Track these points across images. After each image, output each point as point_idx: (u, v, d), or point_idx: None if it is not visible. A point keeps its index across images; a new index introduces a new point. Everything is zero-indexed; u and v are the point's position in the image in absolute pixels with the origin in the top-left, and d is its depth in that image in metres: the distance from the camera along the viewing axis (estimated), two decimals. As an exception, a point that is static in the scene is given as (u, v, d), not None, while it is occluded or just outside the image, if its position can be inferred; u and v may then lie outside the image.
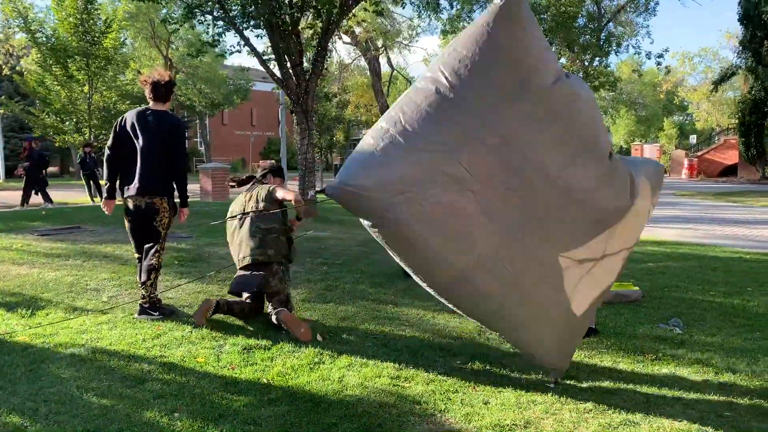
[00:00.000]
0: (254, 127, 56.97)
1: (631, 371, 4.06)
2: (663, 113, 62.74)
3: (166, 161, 4.99)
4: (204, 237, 8.84)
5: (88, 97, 18.24)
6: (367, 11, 12.36)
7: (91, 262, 6.90)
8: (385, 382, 3.80)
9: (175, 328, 4.74)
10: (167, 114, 5.14)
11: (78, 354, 4.12)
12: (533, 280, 3.49)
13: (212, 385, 3.69)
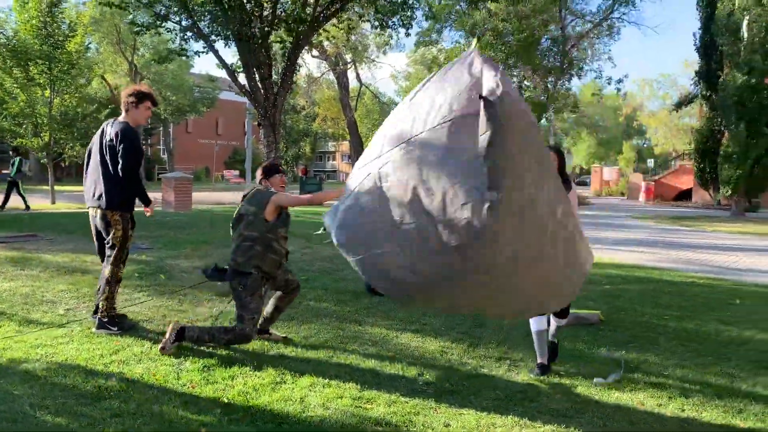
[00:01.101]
0: (219, 136, 56.59)
1: (589, 395, 4.14)
2: (622, 137, 64.42)
3: (116, 172, 4.93)
4: (165, 249, 8.72)
5: (49, 101, 17.81)
6: (335, 27, 12.43)
7: (48, 273, 6.74)
8: (347, 403, 3.80)
9: (134, 344, 4.66)
10: (118, 123, 5.07)
11: (32, 370, 4.02)
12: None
13: (172, 403, 3.64)
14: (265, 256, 4.55)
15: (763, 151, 20.40)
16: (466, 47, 24.78)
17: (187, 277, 6.92)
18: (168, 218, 13.30)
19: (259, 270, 4.54)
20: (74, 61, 17.77)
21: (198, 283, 6.21)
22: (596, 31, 27.38)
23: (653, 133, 57.92)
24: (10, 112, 17.82)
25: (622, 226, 17.00)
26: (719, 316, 6.49)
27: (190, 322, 5.29)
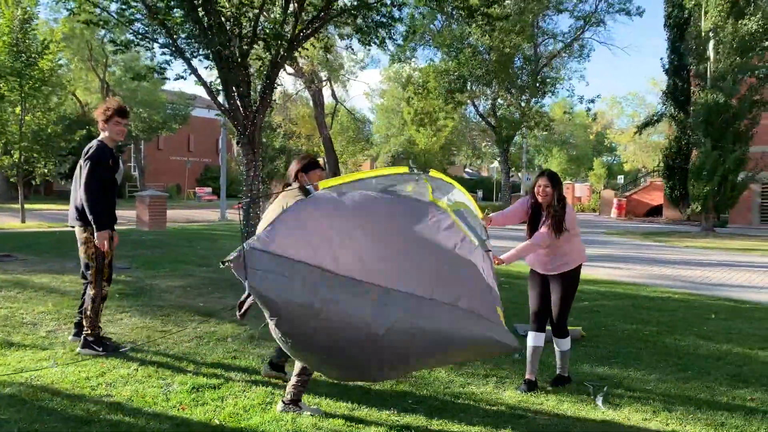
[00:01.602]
0: (191, 153, 56.00)
1: (575, 412, 4.20)
2: (593, 153, 65.54)
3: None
4: (143, 268, 8.63)
5: (20, 118, 17.54)
6: (314, 47, 12.51)
7: (27, 294, 6.62)
8: (339, 423, 3.80)
9: (120, 366, 4.61)
10: (93, 142, 5.03)
11: (17, 393, 3.95)
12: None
13: (162, 426, 3.61)
14: None
15: (731, 168, 20.94)
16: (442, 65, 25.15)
17: (168, 296, 6.85)
18: (144, 237, 13.15)
19: None
20: (46, 78, 17.54)
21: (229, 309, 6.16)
22: (568, 51, 27.98)
23: (623, 150, 59.08)
24: (-21, 130, 17.50)
25: (596, 242, 17.27)
26: (697, 330, 6.64)
27: (175, 342, 5.25)
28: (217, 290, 7.33)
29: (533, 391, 4.56)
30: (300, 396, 3.98)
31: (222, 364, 4.80)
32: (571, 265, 4.70)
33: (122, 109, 5.12)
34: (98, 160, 4.88)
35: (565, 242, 4.63)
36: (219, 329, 5.79)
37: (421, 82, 25.69)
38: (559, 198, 4.58)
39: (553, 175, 4.70)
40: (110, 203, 5.05)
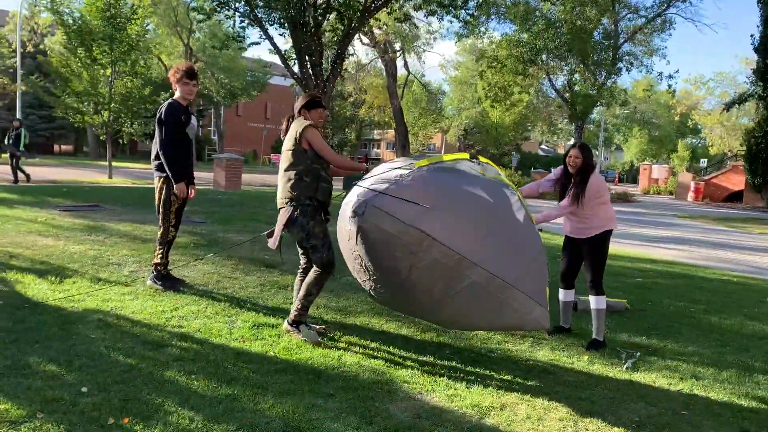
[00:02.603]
0: (268, 120, 57.54)
1: (604, 372, 4.45)
2: (676, 135, 62.93)
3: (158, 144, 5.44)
4: (218, 223, 9.27)
5: (110, 80, 18.69)
6: (390, 14, 12.75)
7: (112, 239, 7.34)
8: (379, 364, 4.20)
9: (192, 303, 5.17)
10: (165, 102, 5.58)
11: (104, 320, 4.55)
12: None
13: (225, 354, 4.11)
14: (317, 185, 4.47)
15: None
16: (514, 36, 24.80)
17: (237, 248, 7.42)
18: (219, 196, 13.93)
19: (313, 200, 4.48)
20: (134, 43, 18.56)
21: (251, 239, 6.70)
22: (650, 27, 26.96)
23: (708, 133, 56.45)
24: (74, 90, 18.76)
25: (666, 224, 16.95)
26: (747, 312, 6.66)
27: (242, 287, 5.79)
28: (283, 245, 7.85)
29: (560, 333, 5.16)
30: (302, 319, 4.57)
31: (281, 308, 5.28)
32: (597, 231, 5.07)
33: (191, 71, 5.56)
34: (169, 118, 5.42)
35: (590, 210, 5.01)
36: (280, 279, 6.29)
37: (495, 54, 25.42)
38: (584, 168, 4.98)
39: (584, 146, 5.08)
40: (184, 156, 5.56)
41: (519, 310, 3.95)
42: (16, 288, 5.12)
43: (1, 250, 6.31)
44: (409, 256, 3.84)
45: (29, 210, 9.00)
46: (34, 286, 5.21)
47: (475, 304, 3.94)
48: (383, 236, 3.84)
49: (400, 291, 4.10)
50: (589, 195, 4.95)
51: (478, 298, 3.90)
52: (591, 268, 5.10)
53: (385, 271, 4.02)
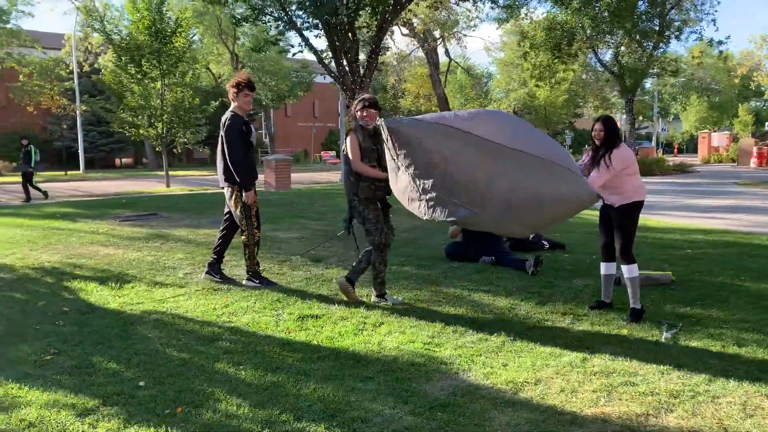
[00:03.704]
0: (316, 119, 58.28)
1: (643, 345, 4.47)
2: (738, 99, 60.29)
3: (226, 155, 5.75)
4: (267, 222, 9.55)
5: (161, 93, 19.41)
6: (418, 5, 12.82)
7: (168, 245, 7.74)
8: (419, 347, 4.37)
9: (242, 299, 5.45)
10: (228, 113, 5.90)
11: (160, 319, 4.88)
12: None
13: (271, 345, 4.36)
14: (358, 184, 5.30)
15: None
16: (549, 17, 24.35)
17: (285, 245, 7.71)
18: (270, 197, 14.35)
19: (357, 197, 5.32)
20: (180, 55, 19.21)
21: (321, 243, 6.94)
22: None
23: (773, 94, 53.78)
24: (128, 105, 19.58)
25: (723, 193, 16.43)
26: (800, 278, 6.49)
27: (288, 282, 6.05)
28: (333, 243, 8.09)
29: (602, 309, 5.27)
30: (383, 290, 5.48)
31: (325, 300, 5.50)
32: (625, 201, 5.13)
33: (250, 83, 5.94)
34: (234, 130, 5.73)
35: (618, 180, 5.10)
36: (325, 272, 6.53)
37: (534, 35, 25.02)
38: (609, 140, 5.10)
39: (606, 119, 5.22)
40: (250, 163, 5.93)
41: (567, 179, 4.34)
42: (80, 295, 5.53)
43: (67, 262, 6.77)
44: (442, 145, 4.45)
45: (91, 222, 9.56)
46: (96, 293, 5.60)
47: (521, 182, 4.34)
48: (413, 131, 4.56)
49: (445, 189, 4.56)
50: (616, 166, 5.02)
51: (525, 174, 4.34)
52: (620, 237, 5.18)
53: (424, 168, 4.58)
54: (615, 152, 5.02)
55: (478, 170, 4.44)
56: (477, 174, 4.45)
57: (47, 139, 37.43)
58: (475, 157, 4.45)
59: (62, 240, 7.96)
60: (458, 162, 4.49)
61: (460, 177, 4.51)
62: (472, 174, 4.47)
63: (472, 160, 4.45)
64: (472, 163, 4.45)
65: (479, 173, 4.44)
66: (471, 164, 4.46)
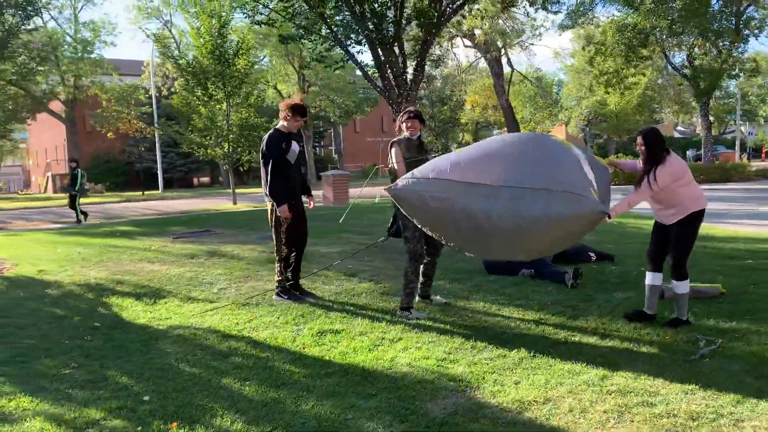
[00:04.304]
0: (384, 134, 58.66)
1: (672, 362, 4.18)
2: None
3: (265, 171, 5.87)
4: (313, 237, 9.60)
5: (226, 114, 20.05)
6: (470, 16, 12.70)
7: (211, 261, 7.92)
8: (432, 363, 4.25)
9: (267, 314, 5.50)
10: (271, 130, 6.06)
11: (183, 334, 4.98)
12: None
13: (283, 360, 4.36)
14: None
15: None
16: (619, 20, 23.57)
17: (324, 259, 7.74)
18: (323, 211, 14.49)
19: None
20: (243, 76, 19.80)
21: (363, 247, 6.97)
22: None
23: None
24: (196, 127, 20.33)
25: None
26: None
27: (317, 297, 6.06)
28: (367, 254, 8.07)
29: (641, 321, 4.97)
30: (410, 304, 5.42)
31: (350, 314, 5.47)
32: (683, 215, 4.86)
33: (302, 110, 6.05)
34: (269, 148, 5.86)
35: (671, 193, 4.84)
36: (357, 287, 6.50)
37: (602, 40, 24.28)
38: (650, 155, 4.83)
39: (647, 133, 4.92)
40: (289, 180, 5.97)
41: (567, 202, 4.19)
42: (114, 311, 5.73)
43: (112, 278, 7.04)
44: (442, 203, 4.42)
45: (146, 240, 9.94)
46: (130, 309, 5.79)
47: (518, 213, 4.25)
48: (413, 196, 4.55)
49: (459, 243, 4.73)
50: (662, 181, 4.78)
51: (520, 205, 4.23)
52: (674, 251, 4.94)
53: (435, 225, 4.67)
54: (660, 169, 4.78)
55: (475, 216, 4.37)
56: (476, 218, 4.38)
57: (128, 161, 39.48)
58: (470, 202, 4.38)
59: (114, 257, 8.30)
60: (456, 217, 4.49)
61: (464, 231, 4.53)
62: (473, 221, 4.41)
63: (467, 208, 4.40)
64: (467, 210, 4.40)
65: (479, 216, 4.37)
66: (467, 213, 4.41)
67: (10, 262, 8.11)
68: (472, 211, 4.34)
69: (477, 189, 4.33)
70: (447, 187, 4.41)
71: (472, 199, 4.34)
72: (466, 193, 4.35)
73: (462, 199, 4.36)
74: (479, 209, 4.31)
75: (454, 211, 4.41)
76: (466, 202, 4.35)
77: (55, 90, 32.04)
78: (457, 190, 4.38)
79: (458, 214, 4.41)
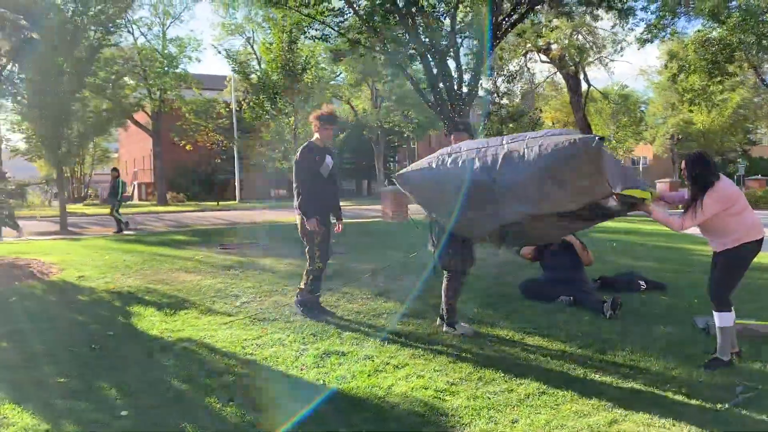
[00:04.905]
0: (461, 149, 58.30)
1: (699, 404, 3.74)
2: None
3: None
4: (355, 253, 9.50)
5: (294, 128, 20.38)
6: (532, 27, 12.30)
7: (245, 273, 7.90)
8: (429, 394, 3.98)
9: (278, 331, 5.36)
10: (305, 143, 6.01)
11: (188, 348, 4.91)
12: None
13: (276, 381, 4.21)
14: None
15: None
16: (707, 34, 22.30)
17: (359, 275, 7.58)
18: (376, 227, 14.36)
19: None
20: (309, 91, 20.10)
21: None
22: None
23: None
24: (265, 140, 20.79)
25: None
26: None
27: (336, 316, 5.88)
28: (402, 273, 7.82)
29: (719, 368, 4.43)
30: (454, 318, 5.37)
31: (364, 335, 5.25)
32: (731, 245, 4.48)
33: (330, 117, 5.95)
34: (300, 161, 5.78)
35: (717, 221, 4.49)
36: (380, 306, 6.27)
37: (685, 56, 23.04)
38: (694, 183, 4.49)
39: (691, 159, 4.57)
40: (320, 194, 5.82)
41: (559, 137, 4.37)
42: (132, 320, 5.75)
43: (143, 286, 7.13)
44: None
45: (192, 250, 10.09)
46: (149, 318, 5.80)
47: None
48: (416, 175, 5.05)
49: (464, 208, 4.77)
50: (709, 209, 4.41)
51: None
52: (716, 281, 4.58)
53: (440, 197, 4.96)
54: (708, 194, 4.41)
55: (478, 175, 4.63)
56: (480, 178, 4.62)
57: (210, 172, 40.86)
58: (469, 164, 4.71)
59: (155, 266, 8.43)
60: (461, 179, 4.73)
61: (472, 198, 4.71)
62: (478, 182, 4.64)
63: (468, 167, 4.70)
64: (468, 168, 4.70)
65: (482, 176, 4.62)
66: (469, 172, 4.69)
67: (57, 267, 8.39)
68: (474, 168, 4.64)
69: (477, 153, 4.69)
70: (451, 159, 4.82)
71: (471, 162, 4.66)
72: (467, 157, 4.72)
73: (464, 161, 4.72)
74: (481, 166, 4.60)
75: (457, 175, 4.70)
76: (467, 162, 4.69)
77: (142, 102, 33.60)
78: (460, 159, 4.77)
79: (462, 175, 4.68)
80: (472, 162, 4.66)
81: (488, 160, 4.59)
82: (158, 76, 33.08)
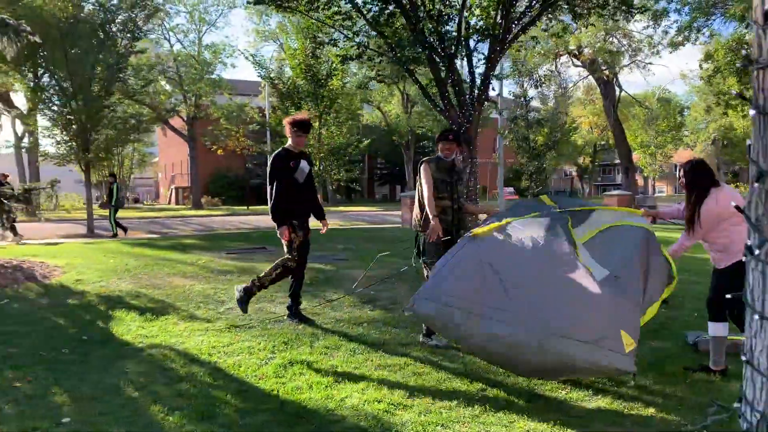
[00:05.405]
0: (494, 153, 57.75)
1: (666, 424, 3.53)
2: None
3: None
4: (355, 259, 9.43)
5: (318, 132, 20.43)
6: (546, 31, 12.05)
7: (241, 278, 7.89)
8: (381, 408, 3.86)
9: (250, 339, 5.31)
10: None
11: (154, 355, 4.89)
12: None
13: (229, 390, 4.13)
14: (423, 214, 5.28)
15: None
16: (738, 37, 21.61)
17: (348, 284, 7.48)
18: (389, 233, 14.24)
19: (421, 227, 5.33)
20: (334, 97, 20.14)
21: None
22: None
23: None
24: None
25: None
26: None
27: (317, 324, 5.80)
28: (399, 280, 7.71)
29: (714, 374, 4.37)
30: (431, 330, 5.09)
31: (334, 345, 5.15)
32: (736, 258, 4.21)
33: (303, 124, 5.86)
34: (273, 166, 5.73)
35: (721, 234, 4.30)
36: (363, 314, 6.18)
37: (715, 57, 22.35)
38: (691, 191, 4.34)
39: (690, 166, 4.40)
40: (293, 200, 5.77)
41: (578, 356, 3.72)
42: (110, 325, 5.78)
43: (134, 291, 7.18)
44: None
45: (198, 254, 10.15)
46: (129, 323, 5.82)
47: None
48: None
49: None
50: (708, 220, 4.25)
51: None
52: (713, 290, 4.43)
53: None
54: (706, 203, 4.25)
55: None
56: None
57: (244, 177, 41.44)
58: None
59: (154, 270, 8.49)
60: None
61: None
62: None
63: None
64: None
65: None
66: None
67: (61, 270, 8.54)
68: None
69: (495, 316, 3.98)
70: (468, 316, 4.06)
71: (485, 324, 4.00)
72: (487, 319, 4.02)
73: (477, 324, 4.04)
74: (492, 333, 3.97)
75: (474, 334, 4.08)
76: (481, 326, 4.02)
77: (177, 107, 34.28)
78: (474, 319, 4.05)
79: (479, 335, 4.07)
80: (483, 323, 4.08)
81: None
82: (193, 81, 33.71)
